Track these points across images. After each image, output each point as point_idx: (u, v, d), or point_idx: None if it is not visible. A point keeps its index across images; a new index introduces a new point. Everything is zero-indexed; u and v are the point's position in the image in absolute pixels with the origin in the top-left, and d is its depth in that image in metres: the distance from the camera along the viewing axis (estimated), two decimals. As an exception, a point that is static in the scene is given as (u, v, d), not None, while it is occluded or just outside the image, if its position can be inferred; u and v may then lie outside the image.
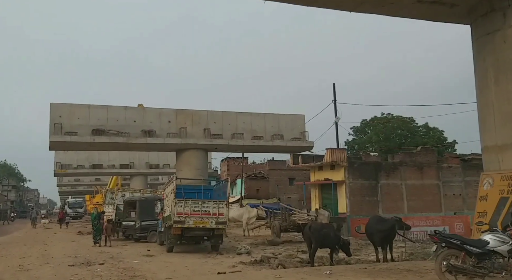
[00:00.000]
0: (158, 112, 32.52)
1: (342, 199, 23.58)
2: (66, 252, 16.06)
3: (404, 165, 24.60)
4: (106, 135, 30.36)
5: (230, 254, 14.02)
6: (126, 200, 20.31)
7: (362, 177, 23.80)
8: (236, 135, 33.43)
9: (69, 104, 30.40)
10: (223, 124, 33.56)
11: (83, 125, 29.94)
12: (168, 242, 14.52)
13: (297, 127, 34.32)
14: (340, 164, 23.47)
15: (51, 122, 29.23)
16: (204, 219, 14.04)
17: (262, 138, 33.65)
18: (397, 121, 37.93)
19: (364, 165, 24.22)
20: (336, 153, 23.61)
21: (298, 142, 33.80)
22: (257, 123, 34.07)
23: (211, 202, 14.25)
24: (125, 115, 31.44)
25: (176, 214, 13.89)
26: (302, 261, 11.88)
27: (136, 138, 31.12)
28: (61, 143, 29.61)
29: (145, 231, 18.79)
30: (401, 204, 24.30)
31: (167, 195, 15.52)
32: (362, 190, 23.68)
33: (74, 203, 60.05)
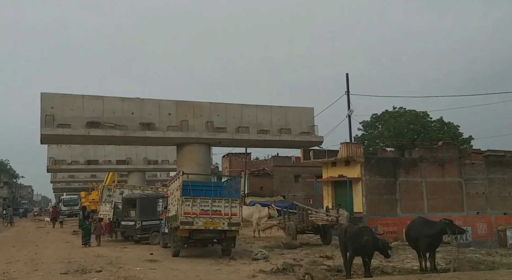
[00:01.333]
0: (158, 104, 30.99)
1: (358, 198, 22.20)
2: (58, 255, 14.63)
3: (425, 161, 23.23)
4: (101, 128, 28.83)
5: (244, 259, 12.63)
6: (125, 197, 18.81)
7: (380, 174, 22.42)
8: (240, 129, 31.95)
9: (61, 94, 28.85)
10: (227, 117, 32.09)
11: (77, 117, 28.43)
12: (174, 246, 13.12)
13: (305, 121, 32.88)
14: (356, 160, 22.06)
15: (42, 114, 27.70)
16: (215, 219, 12.63)
17: (268, 132, 32.20)
18: (410, 115, 36.55)
19: (382, 161, 22.83)
20: (352, 147, 22.20)
21: (306, 137, 32.38)
22: (263, 116, 32.61)
23: (222, 201, 12.84)
24: (122, 107, 29.91)
25: (183, 214, 12.47)
26: (330, 269, 10.50)
27: (134, 131, 29.62)
28: (53, 136, 28.09)
29: (147, 232, 17.34)
30: (421, 203, 22.96)
31: (172, 193, 14.10)
32: (379, 188, 22.31)
33: (69, 200, 58.57)
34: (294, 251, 14.36)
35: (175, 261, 12.52)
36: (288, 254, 13.70)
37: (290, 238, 15.93)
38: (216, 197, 13.51)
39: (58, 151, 50.06)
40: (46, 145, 49.56)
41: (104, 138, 29.67)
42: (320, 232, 16.40)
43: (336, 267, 10.71)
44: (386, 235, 22.22)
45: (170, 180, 14.83)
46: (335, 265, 10.92)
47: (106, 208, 19.88)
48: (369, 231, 9.18)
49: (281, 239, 18.49)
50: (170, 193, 14.50)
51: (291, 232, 16.01)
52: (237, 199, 12.96)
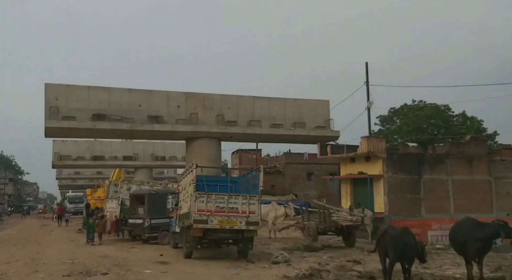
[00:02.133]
0: (166, 96, 30.22)
1: (379, 197, 21.10)
2: (61, 255, 13.83)
3: (451, 157, 22.06)
4: (108, 121, 28.19)
5: (263, 262, 11.71)
6: (133, 194, 17.95)
7: (403, 171, 21.28)
8: (252, 122, 31.09)
9: (66, 85, 28.25)
10: (238, 110, 31.23)
11: (82, 109, 27.77)
12: (186, 246, 12.24)
13: (321, 114, 31.94)
14: (377, 156, 20.96)
15: (46, 105, 27.10)
16: (231, 218, 11.72)
17: (281, 126, 31.29)
18: (430, 109, 35.25)
19: (405, 157, 21.67)
20: (373, 142, 21.10)
21: (322, 131, 31.44)
22: (276, 109, 31.69)
23: (239, 197, 11.91)
24: (129, 99, 29.22)
25: (196, 211, 11.58)
26: (361, 275, 9.55)
27: (142, 124, 28.90)
28: (58, 129, 27.44)
29: (156, 231, 16.49)
30: (447, 203, 21.81)
31: (184, 188, 13.21)
32: (402, 186, 21.18)
33: (75, 198, 58.10)
34: (316, 254, 13.40)
35: (187, 263, 11.64)
36: (310, 257, 12.76)
37: (310, 240, 14.96)
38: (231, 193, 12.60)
39: (63, 146, 49.66)
40: (51, 141, 49.39)
41: (110, 131, 28.97)
42: (343, 234, 15.41)
43: (367, 273, 9.78)
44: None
45: (182, 174, 13.96)
46: (366, 271, 9.98)
47: (113, 205, 19.06)
48: (410, 234, 8.22)
49: (299, 240, 17.58)
50: (182, 188, 13.62)
51: (311, 233, 15.04)
52: (255, 196, 12.02)
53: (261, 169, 12.18)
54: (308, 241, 14.91)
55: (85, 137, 32.05)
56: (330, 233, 15.72)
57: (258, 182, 12.24)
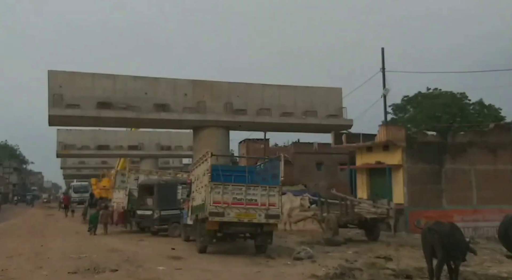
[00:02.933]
0: (173, 83, 29.34)
1: (398, 187, 20.17)
2: (67, 249, 13.04)
3: (474, 146, 21.05)
4: (113, 109, 27.37)
5: (284, 258, 10.84)
6: (141, 184, 17.07)
7: (423, 161, 20.29)
8: (262, 111, 30.15)
9: (70, 72, 27.44)
10: (247, 98, 30.28)
11: (87, 97, 26.95)
12: (201, 240, 11.40)
13: (333, 103, 30.94)
14: (396, 145, 19.98)
15: (50, 93, 26.33)
16: (250, 210, 10.84)
17: (292, 114, 30.32)
18: (446, 96, 34.06)
19: (426, 146, 20.64)
20: (393, 130, 20.11)
21: (334, 120, 30.46)
22: (286, 97, 30.72)
23: (258, 188, 11.02)
24: (135, 86, 28.37)
25: (212, 203, 10.71)
26: (396, 274, 8.66)
27: (148, 113, 28.06)
28: (62, 117, 26.67)
29: (165, 223, 15.66)
30: (470, 194, 20.82)
31: (198, 178, 12.34)
32: (422, 177, 20.20)
33: (79, 187, 57.60)
34: (338, 248, 12.52)
35: (202, 259, 10.80)
36: (333, 252, 11.88)
37: (330, 233, 14.06)
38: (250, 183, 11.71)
39: (67, 135, 48.98)
40: (55, 130, 48.70)
41: (115, 120, 28.18)
42: (366, 227, 14.48)
43: (402, 271, 8.88)
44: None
45: (194, 163, 13.08)
46: (400, 269, 9.09)
47: (120, 196, 18.22)
48: (459, 230, 7.32)
49: (316, 233, 16.72)
50: (195, 178, 12.75)
51: (331, 226, 14.12)
52: (275, 187, 11.13)
53: (281, 158, 11.27)
54: (328, 235, 14.02)
55: (90, 126, 31.24)
56: (351, 226, 14.80)
57: (278, 172, 11.33)
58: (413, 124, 35.19)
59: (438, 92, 35.21)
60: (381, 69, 25.12)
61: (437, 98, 34.72)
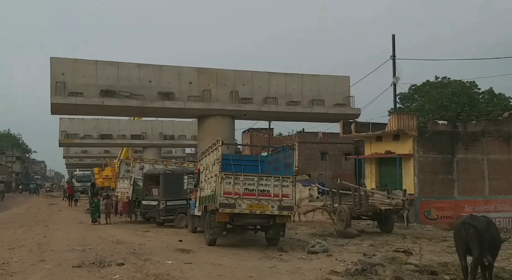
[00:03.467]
0: (177, 71, 28.63)
1: (408, 177, 19.63)
2: (71, 240, 12.58)
3: (487, 135, 20.47)
4: (116, 97, 26.75)
5: (297, 252, 10.30)
6: (147, 173, 16.53)
7: (435, 150, 19.74)
8: (268, 100, 29.49)
9: (73, 59, 26.76)
10: (253, 86, 29.59)
11: (90, 85, 26.34)
12: (210, 233, 10.88)
13: (340, 91, 30.18)
14: (407, 134, 19.39)
15: (52, 81, 25.71)
16: (262, 202, 10.30)
17: (299, 103, 29.63)
18: (455, 85, 33.29)
19: (437, 136, 20.08)
20: (404, 119, 19.49)
21: (342, 109, 29.74)
22: (293, 85, 30.01)
23: (271, 179, 10.44)
24: (139, 74, 27.70)
25: (222, 194, 10.16)
26: (420, 270, 8.12)
27: (152, 101, 27.43)
28: (65, 105, 26.05)
29: (172, 214, 15.15)
30: (482, 184, 20.34)
31: (206, 168, 11.77)
32: (433, 166, 19.69)
33: (82, 176, 57.50)
34: (353, 241, 11.97)
35: (212, 252, 10.28)
36: (348, 245, 11.34)
37: (342, 225, 13.52)
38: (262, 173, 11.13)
39: (70, 124, 48.47)
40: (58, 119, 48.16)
41: (119, 108, 27.54)
42: (379, 218, 13.93)
43: (426, 267, 8.33)
44: (441, 221, 19.87)
45: (203, 152, 12.51)
46: (424, 264, 8.55)
47: (124, 185, 17.69)
48: (494, 225, 6.77)
49: (326, 224, 16.22)
50: (203, 168, 12.19)
51: (344, 217, 13.57)
52: (289, 177, 10.56)
53: (295, 148, 10.71)
54: (340, 226, 13.49)
55: (93, 114, 30.69)
56: (364, 217, 14.25)
57: (291, 162, 10.76)
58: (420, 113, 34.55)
59: (446, 81, 34.44)
60: (392, 57, 24.44)
61: (446, 87, 33.97)
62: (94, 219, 17.13)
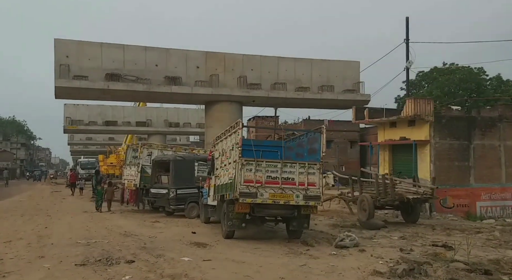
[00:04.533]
0: (184, 55, 27.23)
1: (424, 164, 18.27)
2: (74, 232, 11.33)
3: (505, 120, 19.12)
4: (122, 81, 25.38)
5: (324, 246, 9.04)
6: (156, 160, 15.14)
7: (451, 136, 18.35)
8: (277, 85, 28.12)
9: (77, 41, 25.34)
10: (262, 71, 28.19)
11: (95, 68, 24.98)
12: (228, 224, 9.62)
13: (350, 77, 28.84)
14: (424, 119, 17.99)
15: (56, 63, 24.37)
16: (286, 191, 9.02)
17: (308, 89, 28.28)
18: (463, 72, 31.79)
19: (454, 121, 18.68)
20: (420, 104, 18.08)
21: (351, 95, 28.42)
22: (302, 71, 28.62)
23: (296, 165, 9.15)
24: (145, 58, 26.32)
25: (243, 182, 8.88)
26: (471, 269, 6.87)
27: (159, 86, 26.09)
28: (69, 89, 24.71)
29: (182, 203, 13.87)
30: (498, 171, 19.06)
31: (223, 153, 10.43)
32: (450, 153, 18.32)
33: (87, 164, 56.05)
34: (379, 233, 10.73)
35: (231, 246, 9.03)
36: (377, 238, 10.09)
37: (364, 215, 12.22)
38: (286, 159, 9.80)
39: (75, 110, 47.16)
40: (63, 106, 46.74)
41: (125, 93, 26.19)
42: (405, 208, 12.64)
43: (476, 265, 7.10)
44: (456, 210, 18.64)
45: (219, 136, 11.18)
46: (473, 262, 7.31)
47: (131, 172, 16.35)
48: None
49: (344, 214, 15.00)
50: (219, 153, 10.86)
51: (366, 207, 12.28)
52: (315, 163, 9.28)
53: (323, 131, 9.34)
54: (362, 217, 12.21)
55: (98, 99, 29.26)
56: (388, 207, 12.93)
57: (318, 147, 9.43)
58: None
59: (454, 67, 32.94)
60: (405, 40, 22.95)
61: (454, 74, 32.49)
62: (97, 206, 16.67)
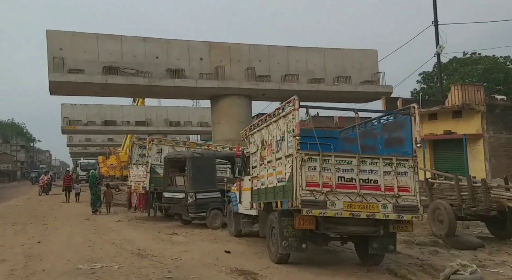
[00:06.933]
0: (187, 46, 24.59)
1: (477, 162, 15.64)
2: (74, 249, 8.62)
3: None
4: (121, 75, 22.69)
5: (422, 278, 6.34)
6: (168, 157, 12.17)
7: (507, 129, 15.78)
8: (288, 77, 25.51)
9: (71, 33, 22.65)
10: (271, 62, 25.59)
11: (91, 61, 22.30)
12: (283, 245, 6.58)
13: (367, 67, 26.25)
14: (474, 109, 15.44)
15: (50, 56, 21.65)
16: (368, 198, 6.29)
17: (322, 81, 25.69)
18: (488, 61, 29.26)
19: (510, 111, 16.14)
20: (469, 91, 15.53)
21: (371, 87, 25.85)
22: (314, 61, 26.03)
23: (379, 161, 6.37)
24: (145, 50, 23.65)
25: (305, 186, 6.21)
26: None
27: (161, 79, 23.42)
28: (64, 84, 21.98)
29: (203, 209, 11.11)
30: None
31: (265, 146, 7.66)
32: (507, 149, 15.72)
33: (87, 165, 53.80)
34: (479, 255, 7.83)
35: (290, 277, 6.34)
36: (484, 261, 7.27)
37: (440, 228, 9.12)
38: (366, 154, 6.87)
39: (72, 110, 44.48)
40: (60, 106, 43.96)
41: (124, 87, 23.45)
42: (497, 220, 9.01)
43: None
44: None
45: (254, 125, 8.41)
46: None
47: (139, 173, 13.49)
48: None
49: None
50: (257, 147, 8.13)
51: (444, 218, 9.01)
52: (407, 158, 6.52)
53: (414, 112, 6.61)
54: (437, 230, 9.20)
55: (96, 94, 26.52)
56: (471, 217, 9.80)
57: (406, 135, 6.73)
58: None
59: (477, 57, 30.38)
60: (433, 23, 20.44)
61: (476, 64, 29.92)
62: (94, 209, 15.77)
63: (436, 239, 9.14)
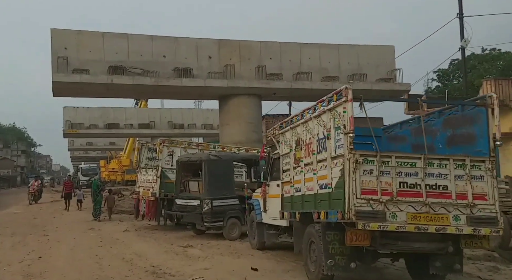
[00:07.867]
0: (195, 44, 23.55)
1: (510, 164, 14.55)
2: (79, 267, 7.56)
3: None
4: (127, 75, 21.71)
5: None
6: (181, 160, 11.02)
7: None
8: (300, 75, 24.43)
9: (76, 31, 21.76)
10: (282, 60, 24.52)
11: (97, 60, 21.35)
12: (329, 265, 5.52)
13: (384, 64, 25.10)
14: (508, 106, 14.33)
15: (54, 56, 20.75)
16: (436, 208, 5.20)
17: (336, 79, 24.56)
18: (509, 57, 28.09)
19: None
20: (503, 86, 14.41)
21: (388, 85, 24.72)
22: (328, 58, 24.95)
23: (449, 163, 5.33)
24: (152, 48, 22.66)
25: (360, 193, 5.14)
26: None
27: (168, 79, 22.41)
28: (68, 84, 21.06)
29: (220, 218, 10.03)
30: None
31: (300, 146, 6.56)
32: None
33: (88, 170, 52.88)
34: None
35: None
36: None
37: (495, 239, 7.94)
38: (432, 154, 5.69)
39: (75, 113, 43.57)
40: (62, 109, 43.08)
41: (131, 87, 22.46)
42: None
43: None
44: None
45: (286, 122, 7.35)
46: None
47: (148, 178, 12.35)
48: None
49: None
50: (288, 147, 7.04)
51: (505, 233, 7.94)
52: (483, 159, 5.45)
53: (492, 102, 5.54)
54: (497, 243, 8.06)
55: (101, 96, 25.57)
56: None
57: (478, 131, 5.66)
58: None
59: (496, 53, 29.22)
60: (458, 15, 19.37)
61: (496, 60, 28.76)
62: (95, 216, 15.45)
63: (487, 251, 8.00)
